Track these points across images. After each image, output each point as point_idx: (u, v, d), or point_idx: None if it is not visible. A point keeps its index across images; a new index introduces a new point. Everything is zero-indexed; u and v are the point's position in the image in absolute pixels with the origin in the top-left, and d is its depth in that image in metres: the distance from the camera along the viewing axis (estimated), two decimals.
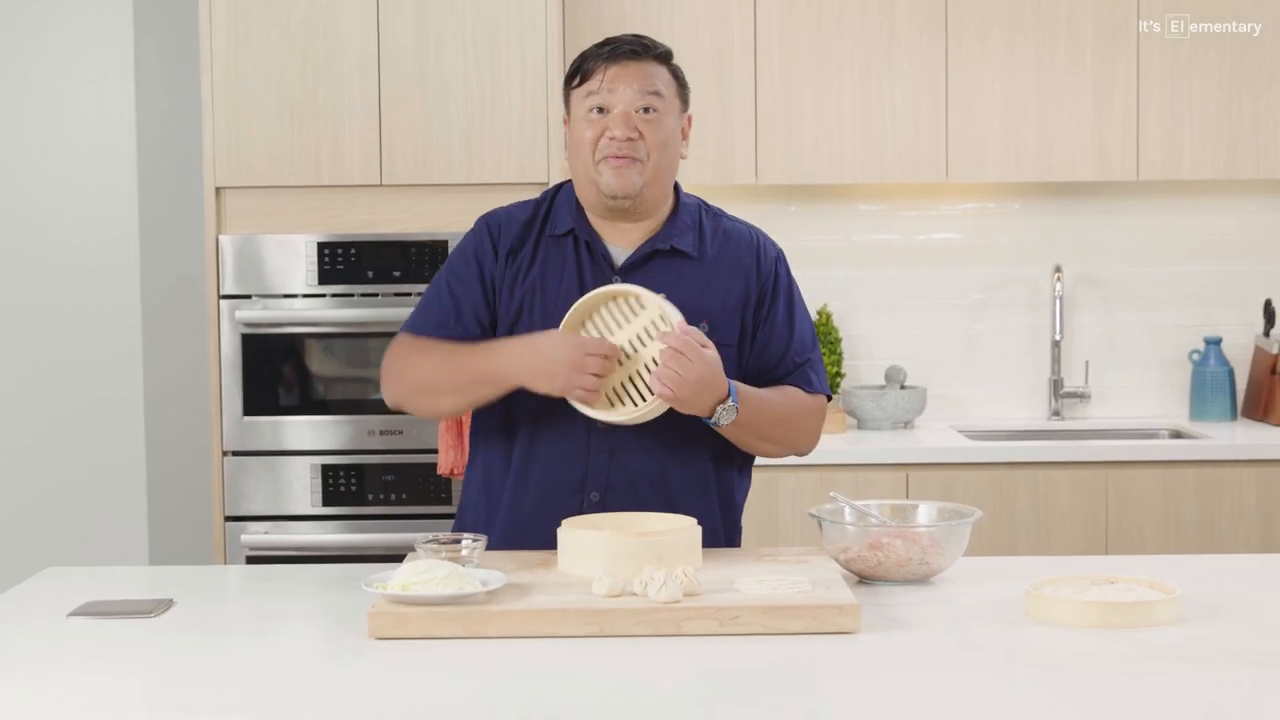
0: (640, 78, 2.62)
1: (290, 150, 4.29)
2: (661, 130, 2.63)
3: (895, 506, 2.69)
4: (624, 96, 2.61)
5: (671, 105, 2.66)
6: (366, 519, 4.30)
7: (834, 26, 4.59)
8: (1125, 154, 4.61)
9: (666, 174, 2.68)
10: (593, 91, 2.63)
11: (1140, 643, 2.17)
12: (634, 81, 2.62)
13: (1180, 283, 4.94)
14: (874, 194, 4.92)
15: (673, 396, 2.50)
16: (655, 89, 2.63)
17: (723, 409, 2.55)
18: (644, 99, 2.62)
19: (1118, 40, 4.59)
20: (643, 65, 2.63)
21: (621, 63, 2.62)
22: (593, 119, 2.63)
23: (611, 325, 2.59)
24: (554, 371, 2.51)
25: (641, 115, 2.62)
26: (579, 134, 2.65)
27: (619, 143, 2.60)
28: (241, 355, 4.28)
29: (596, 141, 2.63)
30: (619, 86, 2.61)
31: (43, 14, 4.77)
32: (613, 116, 2.61)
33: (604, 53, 2.64)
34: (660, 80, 2.65)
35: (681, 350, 2.49)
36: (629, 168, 2.62)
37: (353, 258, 4.28)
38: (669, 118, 2.65)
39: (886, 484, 4.32)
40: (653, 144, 2.62)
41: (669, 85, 2.67)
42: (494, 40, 4.29)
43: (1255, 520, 4.33)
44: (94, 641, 2.25)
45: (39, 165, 4.81)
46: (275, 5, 4.28)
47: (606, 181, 2.63)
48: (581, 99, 2.65)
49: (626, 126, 2.61)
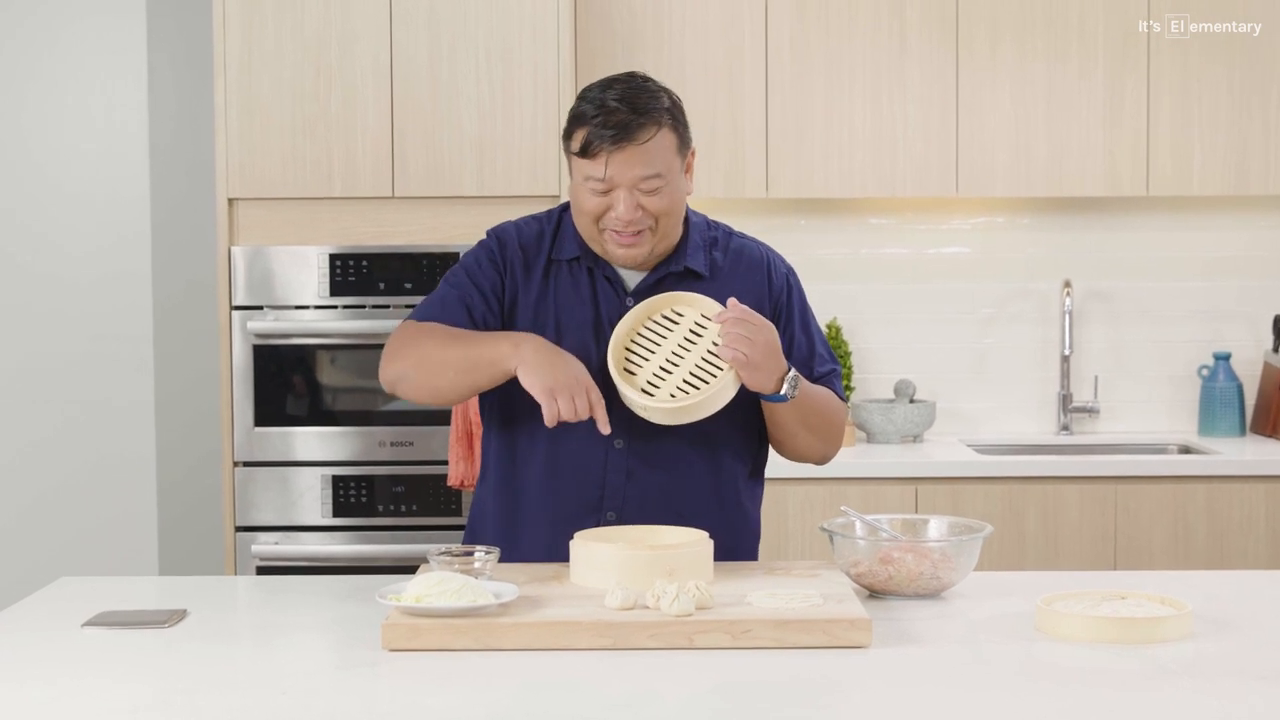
0: (642, 162, 2.54)
1: (302, 162, 4.30)
2: (665, 200, 2.58)
3: (906, 521, 2.69)
4: (626, 179, 2.54)
5: (673, 169, 2.59)
6: (376, 530, 4.31)
7: (845, 39, 4.60)
8: (1135, 169, 4.62)
9: (674, 230, 2.65)
10: (592, 175, 2.55)
11: (1150, 658, 2.17)
12: (636, 166, 2.53)
13: (1190, 298, 4.95)
14: (884, 208, 4.92)
15: (745, 359, 2.48)
16: (656, 171, 2.55)
17: (789, 380, 2.55)
18: (646, 182, 2.55)
19: (1128, 56, 4.60)
20: (643, 147, 2.53)
21: (622, 148, 2.53)
22: (595, 192, 2.57)
23: (653, 342, 2.60)
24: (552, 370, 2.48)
25: (645, 195, 2.56)
26: (581, 201, 2.60)
27: (624, 223, 2.57)
28: (253, 366, 4.29)
29: (599, 216, 2.59)
30: (621, 171, 2.54)
31: (55, 21, 4.79)
32: (616, 196, 2.55)
33: (606, 135, 2.53)
34: (660, 155, 2.55)
35: (744, 318, 2.49)
36: (637, 243, 2.59)
37: (364, 269, 4.29)
38: (672, 183, 2.59)
39: (895, 498, 4.32)
40: (658, 214, 2.58)
41: (669, 152, 2.57)
42: (506, 53, 4.31)
43: (1264, 536, 4.33)
44: (108, 651, 2.26)
45: (51, 173, 4.82)
46: (288, 16, 4.30)
47: (614, 254, 2.62)
48: (582, 171, 2.57)
49: (630, 209, 2.55)
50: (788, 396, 2.55)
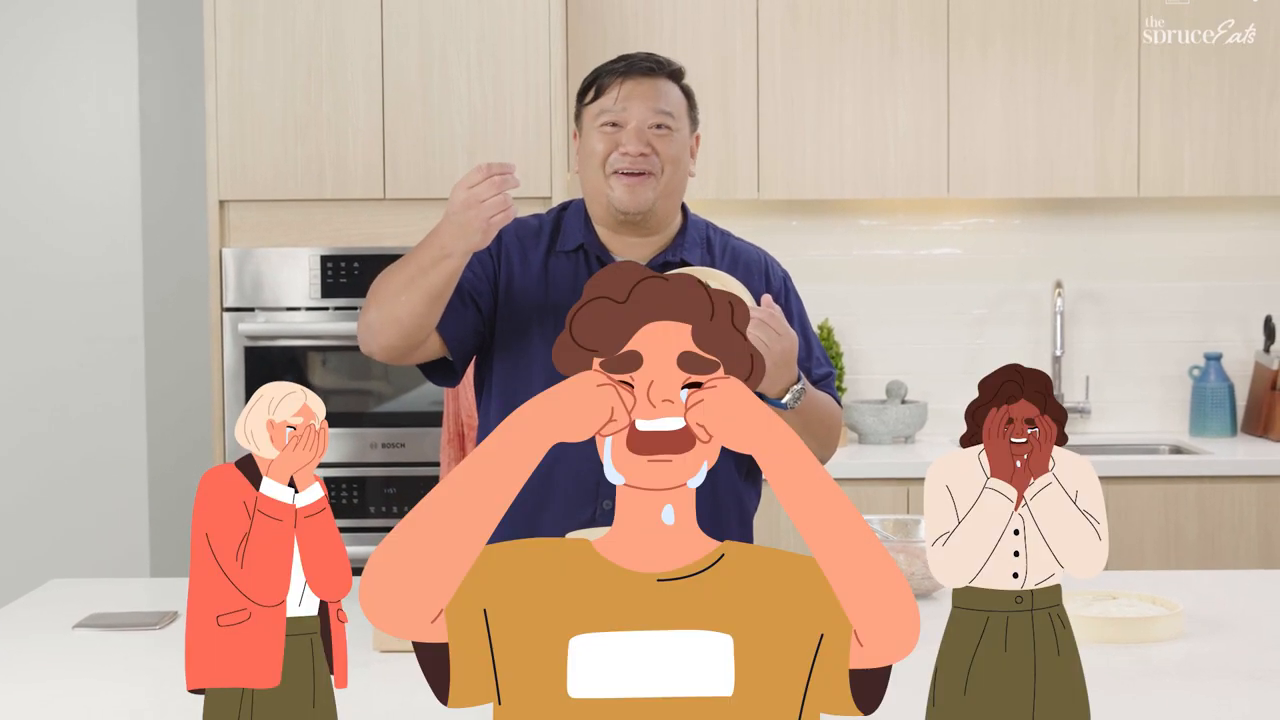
0: (654, 95, 2.64)
1: (294, 163, 4.30)
2: (674, 145, 2.65)
3: (898, 521, 2.70)
4: (638, 112, 2.63)
5: (682, 123, 2.68)
6: (368, 531, 4.30)
7: (836, 41, 4.60)
8: (1126, 170, 4.63)
9: (677, 190, 2.70)
10: (606, 108, 2.64)
11: (1142, 658, 2.18)
12: (648, 99, 2.63)
13: (1181, 299, 4.96)
14: (875, 209, 4.93)
15: None
16: (668, 108, 2.65)
17: (794, 390, 2.56)
18: (657, 116, 2.63)
19: (1118, 57, 4.60)
20: (656, 83, 2.65)
21: (636, 79, 2.64)
22: (605, 133, 2.64)
23: None
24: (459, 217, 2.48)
25: (654, 131, 2.63)
26: (590, 146, 2.66)
27: (632, 158, 2.61)
28: (244, 368, 4.29)
29: (608, 156, 2.63)
30: (633, 103, 2.63)
31: (47, 24, 4.79)
32: (626, 132, 2.63)
33: (619, 68, 2.65)
34: (673, 98, 2.67)
35: (768, 322, 2.49)
36: (641, 185, 2.63)
37: (356, 271, 4.29)
38: (680, 134, 2.67)
39: (887, 498, 4.32)
40: (666, 158, 2.64)
41: (680, 104, 2.69)
42: (498, 54, 4.31)
43: (1255, 536, 4.34)
44: (99, 653, 2.26)
45: (42, 175, 4.82)
46: (279, 18, 4.29)
47: (619, 197, 2.64)
48: (594, 114, 2.66)
49: (640, 142, 2.62)
50: (788, 406, 2.56)
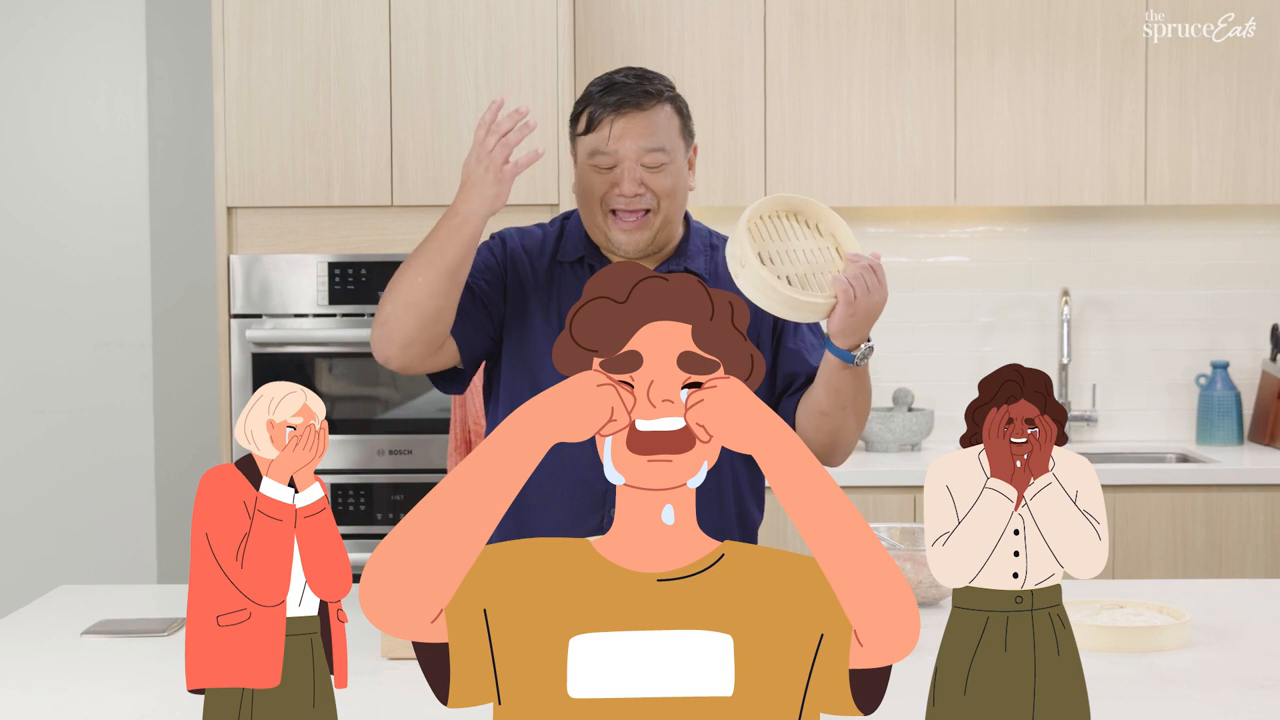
0: (646, 132, 2.57)
1: (302, 170, 4.31)
2: (669, 177, 2.60)
3: (905, 530, 2.69)
4: (631, 152, 2.57)
5: (676, 149, 2.62)
6: (375, 538, 4.31)
7: (843, 48, 4.61)
8: (1133, 178, 4.63)
9: (676, 216, 2.66)
10: (599, 148, 2.58)
11: (1149, 667, 2.18)
12: (640, 137, 2.57)
13: (1188, 307, 4.96)
14: (883, 216, 4.93)
15: (854, 299, 2.47)
16: (661, 143, 2.58)
17: (865, 347, 2.54)
18: (651, 156, 2.57)
19: (1126, 65, 4.61)
20: (648, 116, 2.58)
21: (628, 115, 2.57)
22: (600, 173, 2.60)
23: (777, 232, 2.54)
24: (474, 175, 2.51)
25: (648, 171, 2.58)
26: (587, 184, 2.62)
27: (628, 199, 2.58)
28: (252, 374, 4.30)
29: (604, 195, 2.60)
30: (625, 142, 2.56)
31: (55, 28, 4.80)
32: (619, 171, 2.58)
33: (609, 103, 2.58)
34: (664, 129, 2.60)
35: (873, 270, 2.49)
36: (639, 227, 2.60)
37: (363, 278, 4.30)
38: (675, 163, 2.61)
39: (894, 506, 4.32)
40: (662, 193, 2.59)
41: (673, 129, 2.62)
42: (505, 61, 4.31)
43: (1263, 544, 4.33)
44: (108, 659, 2.26)
45: (51, 179, 4.82)
46: (288, 25, 4.30)
47: (617, 240, 2.62)
48: (587, 149, 2.61)
49: (633, 183, 2.57)
50: (856, 360, 2.54)
